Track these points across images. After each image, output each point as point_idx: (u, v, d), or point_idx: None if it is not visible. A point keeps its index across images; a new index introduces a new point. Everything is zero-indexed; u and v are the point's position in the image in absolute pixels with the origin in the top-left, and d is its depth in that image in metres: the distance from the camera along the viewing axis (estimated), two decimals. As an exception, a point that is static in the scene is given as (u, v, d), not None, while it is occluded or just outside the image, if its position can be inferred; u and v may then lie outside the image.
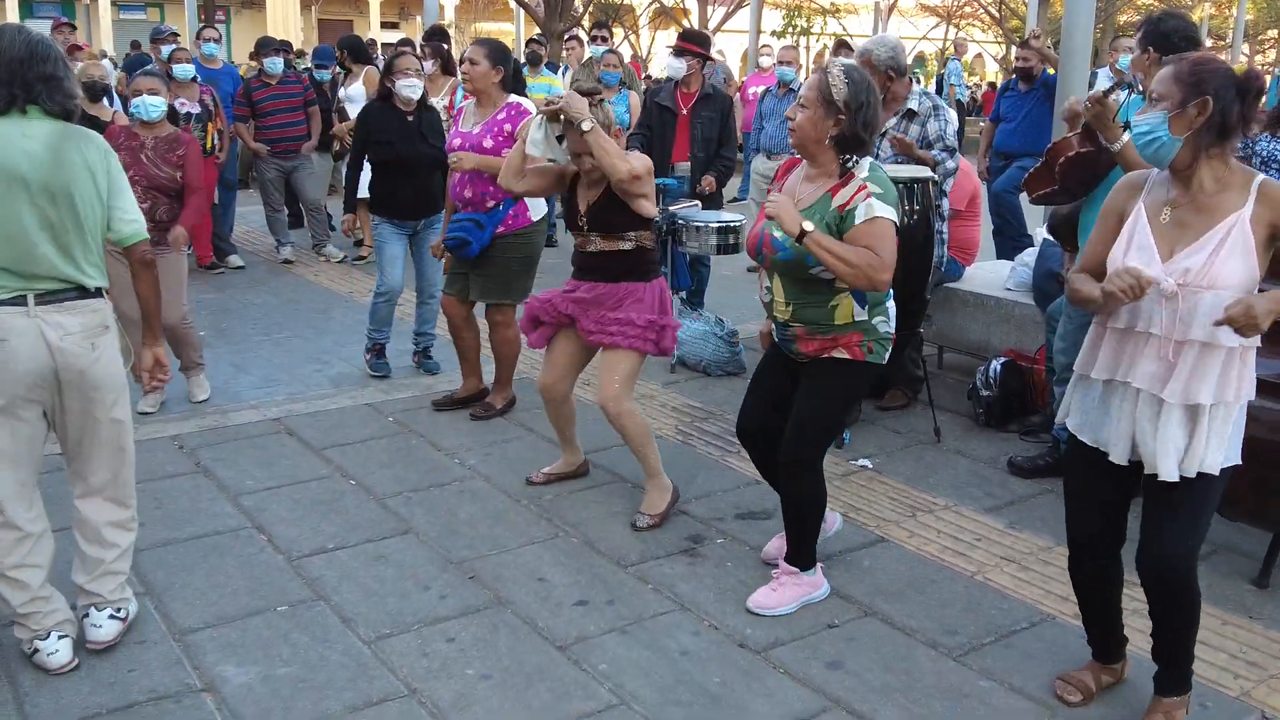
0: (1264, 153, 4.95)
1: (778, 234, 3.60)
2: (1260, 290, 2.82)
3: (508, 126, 5.36)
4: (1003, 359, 5.58)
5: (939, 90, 17.13)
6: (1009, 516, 4.56)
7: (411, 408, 5.82)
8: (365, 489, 4.77)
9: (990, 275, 6.48)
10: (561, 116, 4.30)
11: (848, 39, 8.49)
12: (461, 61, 5.45)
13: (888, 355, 3.74)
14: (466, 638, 3.60)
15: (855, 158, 3.58)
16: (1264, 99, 3.41)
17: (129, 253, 3.43)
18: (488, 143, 5.36)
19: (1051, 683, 3.36)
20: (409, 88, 6.04)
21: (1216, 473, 2.94)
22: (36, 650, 3.38)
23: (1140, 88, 4.33)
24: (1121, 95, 4.24)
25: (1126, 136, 4.13)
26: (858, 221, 3.49)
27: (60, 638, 3.40)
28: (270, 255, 9.83)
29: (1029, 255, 6.23)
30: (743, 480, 4.91)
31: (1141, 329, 2.91)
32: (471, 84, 5.46)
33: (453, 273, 5.66)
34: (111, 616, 3.52)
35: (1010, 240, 8.33)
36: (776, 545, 4.13)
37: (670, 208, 6.62)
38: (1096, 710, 3.25)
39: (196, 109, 8.40)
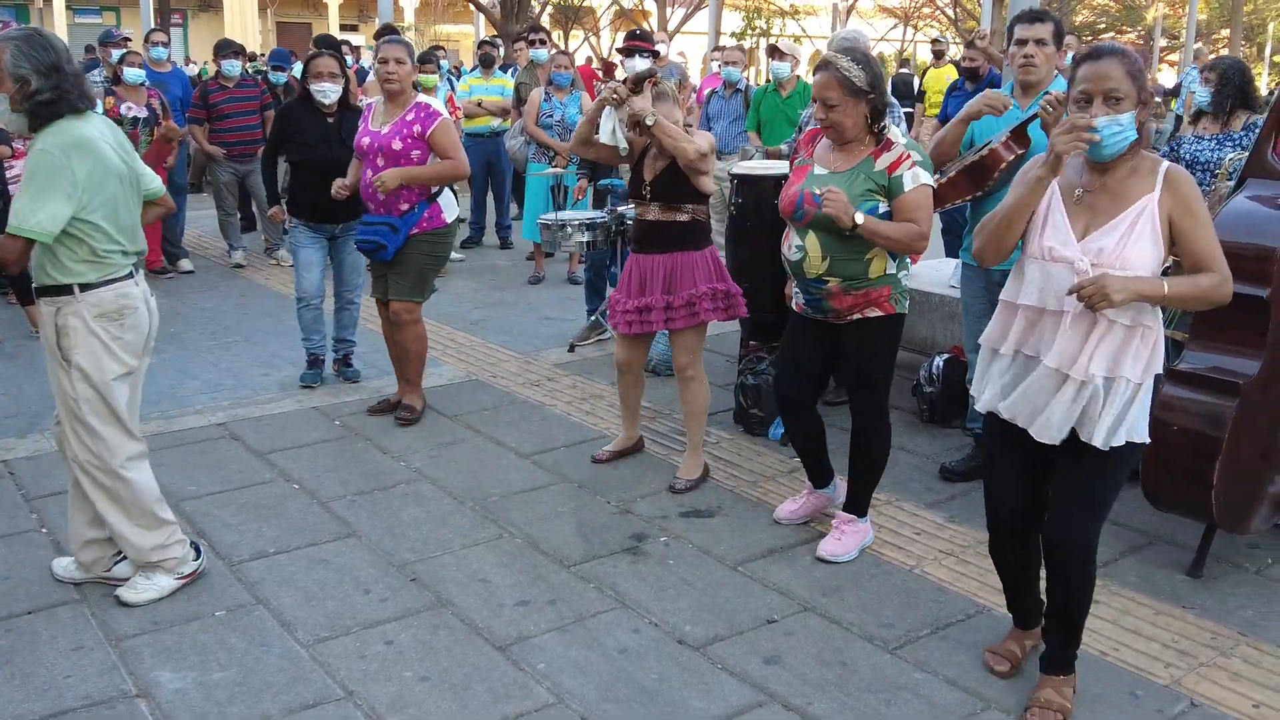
0: (1188, 155, 5.05)
1: (820, 192, 3.85)
2: (1165, 271, 2.97)
3: (417, 128, 5.32)
4: (945, 355, 5.63)
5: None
6: (949, 510, 4.61)
7: (358, 412, 5.80)
8: (309, 493, 4.76)
9: (934, 273, 6.54)
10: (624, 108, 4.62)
11: (779, 44, 8.60)
12: (385, 61, 5.35)
13: (907, 304, 4.13)
14: (406, 640, 3.61)
15: (883, 123, 3.91)
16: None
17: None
18: (396, 144, 5.31)
19: (980, 657, 3.45)
20: (320, 92, 5.96)
21: (1123, 444, 3.02)
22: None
23: None
24: None
25: None
26: (906, 189, 3.85)
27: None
28: (221, 259, 9.77)
29: (973, 253, 6.28)
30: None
31: (1054, 308, 2.99)
32: (399, 83, 5.35)
33: (374, 275, 5.68)
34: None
35: (958, 239, 8.38)
36: (788, 506, 4.49)
37: (619, 207, 6.64)
38: (1025, 689, 3.30)
39: (144, 113, 8.34)
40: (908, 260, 4.11)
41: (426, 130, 5.31)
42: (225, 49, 9.47)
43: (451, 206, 5.60)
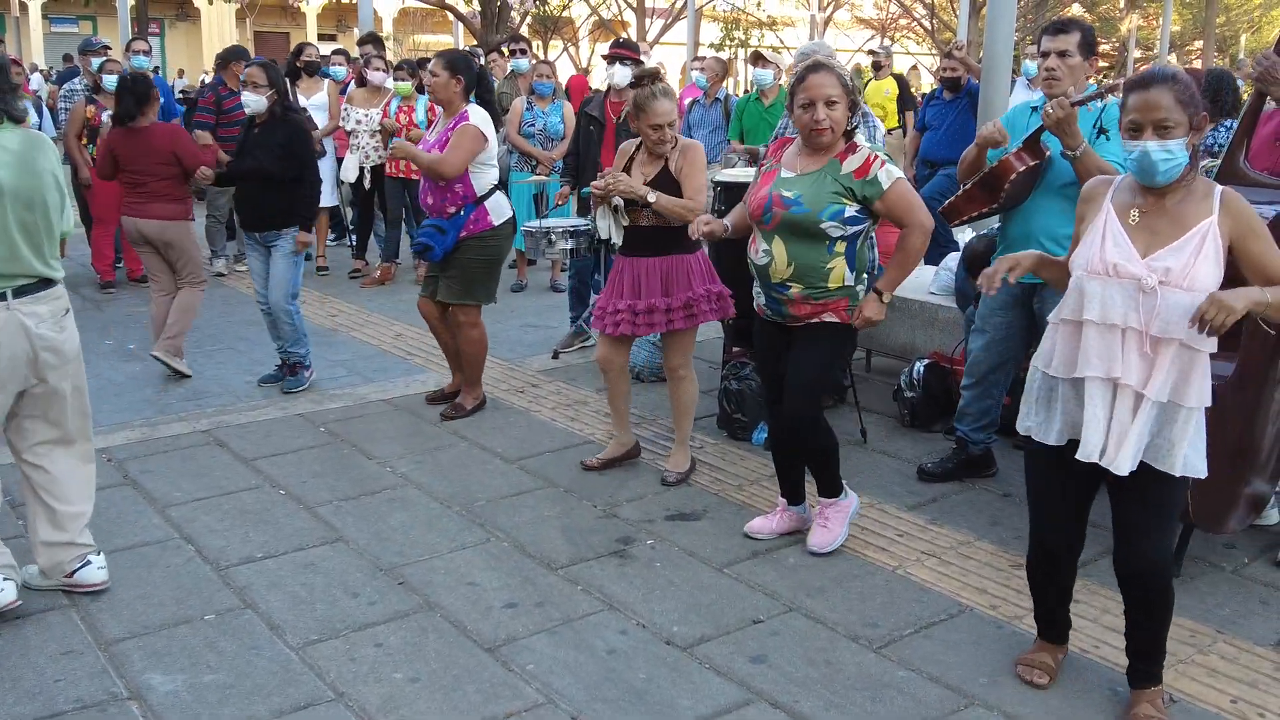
0: None
1: (787, 194, 3.97)
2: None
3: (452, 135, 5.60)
4: (926, 361, 5.70)
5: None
6: (930, 513, 4.66)
7: (343, 418, 5.82)
8: (295, 498, 4.77)
9: (914, 279, 6.56)
10: (618, 199, 4.74)
11: (762, 51, 8.69)
12: (427, 73, 5.78)
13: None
14: (395, 642, 3.63)
15: (854, 124, 4.06)
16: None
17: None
18: (437, 151, 5.58)
19: (963, 654, 3.45)
20: (245, 103, 6.18)
21: (1199, 475, 3.05)
22: None
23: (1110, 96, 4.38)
24: (1110, 99, 4.34)
25: (1085, 144, 4.19)
26: (885, 188, 3.97)
27: (5, 579, 3.71)
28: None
29: (952, 260, 6.37)
30: (673, 483, 4.98)
31: (1118, 323, 2.97)
32: (434, 94, 5.71)
33: (427, 276, 5.91)
34: (100, 567, 3.94)
35: (937, 246, 8.47)
36: (760, 522, 4.46)
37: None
38: (1014, 694, 3.35)
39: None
40: (865, 275, 4.12)
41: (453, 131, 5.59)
42: (240, 56, 9.37)
43: (500, 209, 5.75)
